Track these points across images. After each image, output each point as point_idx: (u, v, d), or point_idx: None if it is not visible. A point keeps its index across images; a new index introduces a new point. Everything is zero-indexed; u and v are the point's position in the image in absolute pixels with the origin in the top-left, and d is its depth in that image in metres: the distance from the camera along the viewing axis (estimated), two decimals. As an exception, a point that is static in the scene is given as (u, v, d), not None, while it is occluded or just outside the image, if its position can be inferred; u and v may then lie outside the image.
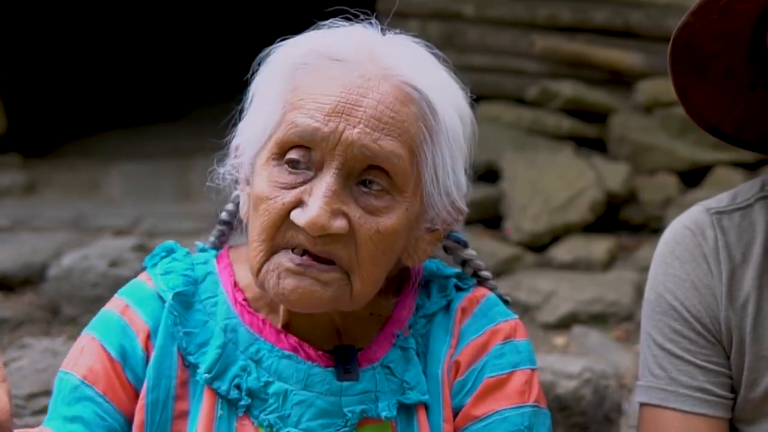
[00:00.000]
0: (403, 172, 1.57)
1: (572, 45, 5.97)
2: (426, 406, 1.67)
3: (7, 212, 5.12)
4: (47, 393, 3.00)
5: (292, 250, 1.56)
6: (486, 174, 5.33)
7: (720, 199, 1.89)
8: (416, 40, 1.68)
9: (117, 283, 3.84)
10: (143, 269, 1.75)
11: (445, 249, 1.81)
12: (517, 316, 1.76)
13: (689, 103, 1.83)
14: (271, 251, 1.58)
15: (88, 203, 5.55)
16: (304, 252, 1.56)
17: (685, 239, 1.86)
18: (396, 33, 1.67)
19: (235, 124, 1.69)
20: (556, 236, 4.91)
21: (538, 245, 4.88)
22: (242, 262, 1.72)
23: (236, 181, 1.70)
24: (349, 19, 1.66)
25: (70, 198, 5.69)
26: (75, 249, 4.27)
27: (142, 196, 5.69)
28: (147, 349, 1.65)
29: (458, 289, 1.75)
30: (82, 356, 1.66)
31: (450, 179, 1.63)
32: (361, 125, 1.54)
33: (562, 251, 4.75)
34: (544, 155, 5.34)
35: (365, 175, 1.56)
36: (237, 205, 1.76)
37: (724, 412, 1.83)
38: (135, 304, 1.68)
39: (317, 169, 1.56)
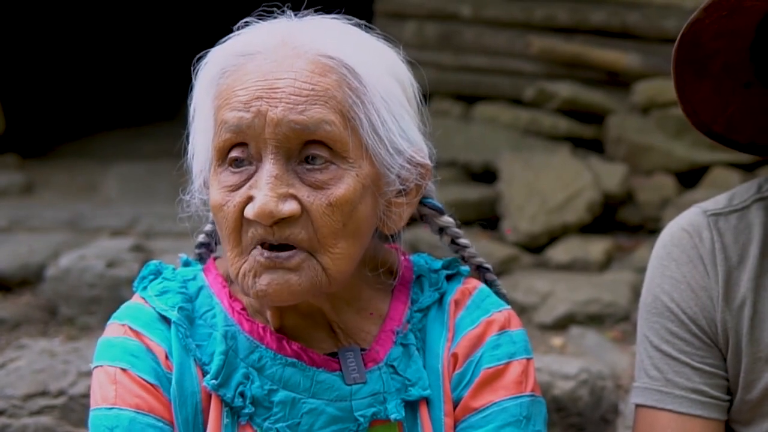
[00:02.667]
0: (340, 138, 1.56)
1: (569, 46, 5.97)
2: (428, 401, 1.67)
3: (5, 213, 5.11)
4: (44, 394, 3.00)
5: (261, 246, 1.56)
6: (483, 174, 5.32)
7: (717, 201, 1.89)
8: (336, 16, 1.67)
9: (114, 284, 3.90)
10: (133, 293, 1.73)
11: (422, 217, 1.81)
12: (509, 306, 1.77)
13: (688, 103, 1.83)
14: (243, 254, 1.58)
15: (86, 204, 5.54)
16: (272, 248, 1.56)
17: (682, 241, 1.86)
18: (314, 16, 1.66)
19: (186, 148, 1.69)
20: (553, 237, 4.90)
21: (535, 246, 4.87)
22: None
23: (205, 204, 1.69)
24: (266, 16, 1.66)
25: (68, 198, 5.68)
26: (72, 249, 4.26)
27: (139, 196, 5.68)
28: (170, 370, 1.63)
29: (449, 278, 1.76)
30: (122, 388, 1.62)
31: (396, 136, 1.62)
32: (282, 103, 1.54)
33: (559, 252, 4.74)
34: (541, 156, 5.33)
35: (305, 152, 1.56)
36: (214, 223, 1.74)
37: (720, 414, 1.83)
38: (142, 328, 1.65)
39: (257, 161, 1.56)
